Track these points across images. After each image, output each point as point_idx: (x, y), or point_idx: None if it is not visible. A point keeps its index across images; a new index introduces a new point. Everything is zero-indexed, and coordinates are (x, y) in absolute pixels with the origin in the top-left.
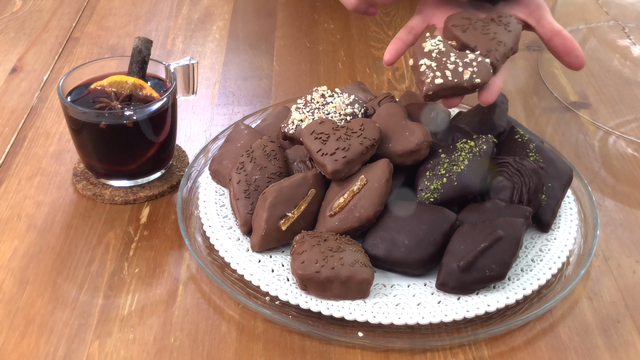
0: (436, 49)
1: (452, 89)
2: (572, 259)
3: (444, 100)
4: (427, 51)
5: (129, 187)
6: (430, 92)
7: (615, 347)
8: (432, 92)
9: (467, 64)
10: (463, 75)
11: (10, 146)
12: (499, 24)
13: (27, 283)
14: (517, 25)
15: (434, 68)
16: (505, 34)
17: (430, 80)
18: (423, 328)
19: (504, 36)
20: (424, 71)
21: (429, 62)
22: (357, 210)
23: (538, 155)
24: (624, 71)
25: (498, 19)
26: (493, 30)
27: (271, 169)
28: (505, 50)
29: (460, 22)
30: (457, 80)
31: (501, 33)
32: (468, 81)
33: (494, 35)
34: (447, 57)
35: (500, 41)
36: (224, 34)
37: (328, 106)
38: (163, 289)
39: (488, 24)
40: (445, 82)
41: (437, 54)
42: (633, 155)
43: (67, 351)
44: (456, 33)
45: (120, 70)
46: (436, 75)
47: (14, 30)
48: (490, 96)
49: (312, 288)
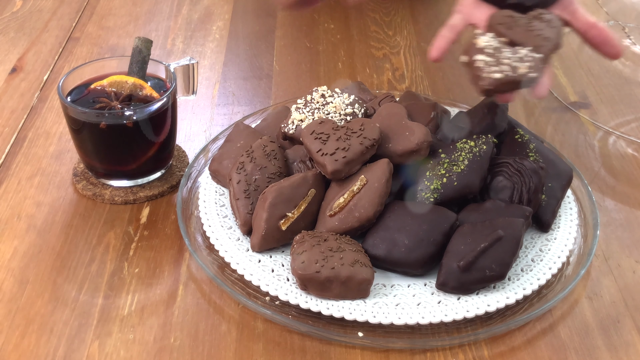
0: (489, 45)
1: (509, 84)
2: (572, 259)
3: (499, 95)
4: (481, 47)
5: (129, 187)
6: (489, 87)
7: (615, 347)
8: (490, 87)
9: (521, 59)
10: (519, 70)
11: (10, 146)
12: (542, 21)
13: (27, 283)
14: (559, 21)
15: (490, 63)
16: (549, 30)
17: (488, 75)
18: (423, 328)
19: (549, 32)
20: (481, 67)
21: (485, 58)
22: (357, 210)
23: (538, 155)
24: (624, 71)
25: (540, 15)
26: (537, 27)
27: (271, 169)
28: (551, 46)
29: (504, 20)
30: (514, 75)
31: (545, 30)
32: (524, 76)
33: (539, 32)
34: (501, 52)
35: (546, 37)
36: (224, 34)
37: (328, 106)
38: (163, 289)
39: (531, 21)
40: (503, 77)
41: (492, 50)
42: (633, 155)
43: (67, 351)
44: (502, 31)
45: (120, 70)
46: (493, 70)
47: (14, 30)
48: (542, 91)
49: (312, 288)
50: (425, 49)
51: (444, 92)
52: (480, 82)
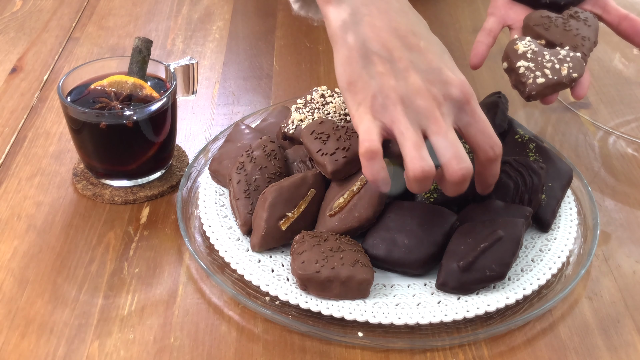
0: (529, 49)
1: (553, 86)
2: (572, 259)
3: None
4: (521, 53)
5: (129, 187)
6: (534, 92)
7: (615, 347)
8: (535, 92)
9: (562, 60)
10: (561, 71)
11: (10, 146)
12: (578, 19)
13: (27, 283)
14: (595, 19)
15: (532, 68)
16: (586, 29)
17: (532, 81)
18: (423, 328)
19: (586, 31)
20: (524, 72)
21: (526, 64)
22: (357, 210)
23: (538, 155)
24: (624, 71)
25: (576, 14)
26: (575, 27)
27: (271, 169)
28: (590, 45)
29: (541, 20)
30: (557, 77)
31: (583, 28)
32: (566, 77)
33: (577, 31)
34: (542, 56)
35: (584, 36)
36: (224, 34)
37: (328, 106)
38: (163, 289)
39: (568, 20)
40: (547, 81)
41: (532, 54)
42: (633, 155)
43: (67, 351)
44: (540, 32)
45: (120, 70)
46: (536, 75)
47: (14, 30)
48: (583, 91)
49: (312, 288)
50: None
51: None
52: (525, 88)
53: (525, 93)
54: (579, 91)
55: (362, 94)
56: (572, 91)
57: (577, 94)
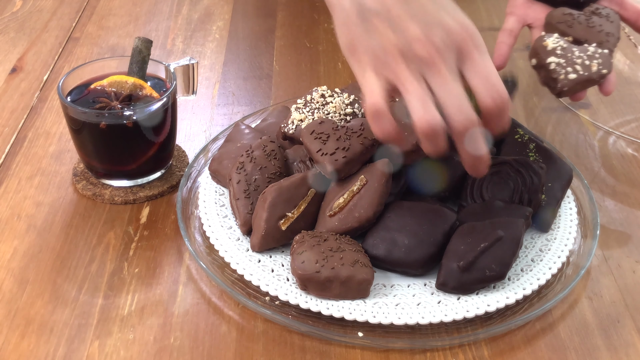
0: (558, 45)
1: (583, 82)
2: (572, 259)
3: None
4: (550, 49)
5: (129, 187)
6: (566, 88)
7: (615, 347)
8: (567, 88)
9: (591, 57)
10: (591, 67)
11: (10, 146)
12: (600, 16)
13: (27, 283)
14: (616, 15)
15: (563, 65)
16: (609, 25)
17: (564, 77)
18: (423, 328)
19: (609, 27)
20: (555, 69)
21: (557, 60)
22: (357, 210)
23: (538, 155)
24: (624, 71)
25: (597, 11)
26: (598, 23)
27: (271, 169)
28: (614, 41)
29: (564, 18)
30: (587, 74)
31: (606, 24)
32: (596, 73)
33: (600, 27)
34: (571, 52)
35: (608, 32)
36: (224, 34)
37: (328, 106)
38: (163, 289)
39: (590, 17)
40: (578, 77)
41: (561, 51)
42: (633, 155)
43: (67, 351)
44: (563, 29)
45: (120, 70)
46: (568, 71)
47: (14, 30)
48: (611, 87)
49: (312, 288)
50: None
51: None
52: (556, 84)
53: (557, 89)
54: (608, 87)
55: (364, 55)
56: (600, 88)
57: (606, 90)
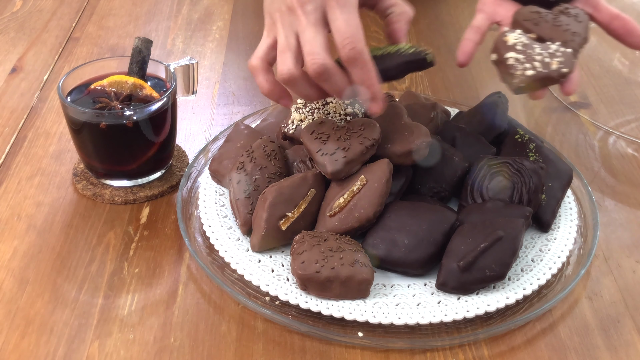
0: (519, 41)
1: (542, 80)
2: (572, 259)
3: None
4: (511, 44)
5: (129, 187)
6: (522, 85)
7: (615, 347)
8: (523, 85)
9: (552, 55)
10: (551, 65)
11: (10, 146)
12: (568, 15)
13: (27, 283)
14: (585, 15)
15: (522, 60)
16: (577, 24)
17: (521, 73)
18: (423, 328)
19: (576, 27)
20: (513, 64)
21: (516, 55)
22: (357, 210)
23: (538, 155)
24: (624, 71)
25: (566, 10)
26: (565, 22)
27: (271, 169)
28: (580, 41)
29: (531, 16)
30: (546, 71)
31: (573, 24)
32: (556, 71)
33: (567, 26)
34: (532, 49)
35: (574, 32)
36: (224, 34)
37: (328, 106)
38: (163, 289)
39: (558, 16)
40: (536, 74)
41: (522, 47)
42: (633, 155)
43: (67, 351)
44: (529, 27)
45: (120, 70)
46: (526, 67)
47: (14, 30)
48: (573, 87)
49: (312, 288)
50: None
51: (444, 92)
52: (513, 80)
53: (514, 85)
54: (569, 87)
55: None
56: (561, 87)
57: (567, 90)
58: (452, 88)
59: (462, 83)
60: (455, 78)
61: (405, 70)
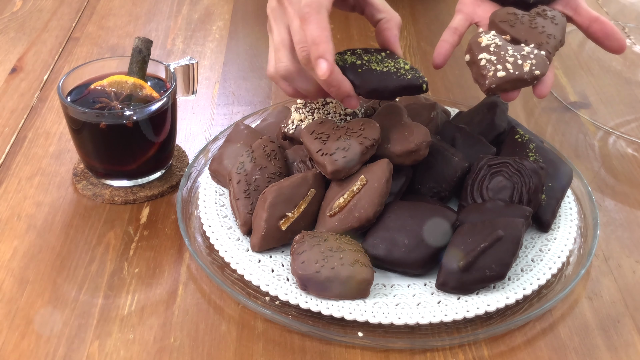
0: (493, 43)
1: (513, 81)
2: (572, 259)
3: (503, 94)
4: (484, 46)
5: (129, 187)
6: (493, 86)
7: (615, 347)
8: (494, 85)
9: (525, 57)
10: (523, 67)
11: (10, 146)
12: (545, 17)
13: (27, 283)
14: (562, 18)
15: (494, 62)
16: (553, 27)
17: (493, 74)
18: (423, 328)
19: (553, 29)
20: (485, 65)
21: (488, 56)
22: (357, 210)
23: (538, 155)
24: (624, 71)
25: (543, 12)
26: (541, 24)
27: (271, 169)
28: (555, 43)
29: (507, 17)
30: (518, 73)
31: (549, 26)
32: (528, 73)
33: (543, 29)
34: (505, 50)
35: (549, 34)
36: (224, 34)
37: (328, 106)
38: (163, 289)
39: (534, 18)
40: (508, 75)
41: (495, 48)
42: (633, 155)
43: (67, 351)
44: (505, 28)
45: (120, 70)
46: (497, 68)
47: (14, 30)
48: (545, 89)
49: (312, 288)
50: (425, 49)
51: (444, 92)
52: (484, 81)
53: (485, 86)
54: (541, 89)
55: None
56: (534, 89)
57: (539, 92)
58: (452, 88)
59: (462, 83)
60: (455, 78)
61: (398, 94)
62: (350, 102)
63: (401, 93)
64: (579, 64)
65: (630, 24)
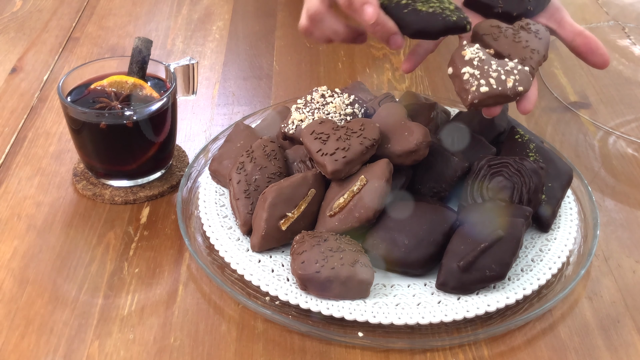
0: (477, 57)
1: (496, 97)
2: (572, 259)
3: (485, 109)
4: (467, 59)
5: (129, 187)
6: (476, 101)
7: (615, 347)
8: (477, 101)
9: (508, 72)
10: (507, 83)
11: (10, 146)
12: (529, 31)
13: (27, 283)
14: (546, 32)
15: (477, 76)
16: (537, 41)
17: (476, 89)
18: (423, 328)
19: (536, 44)
20: (468, 79)
21: (472, 70)
22: (357, 210)
23: (538, 155)
24: (624, 71)
25: (527, 26)
26: (525, 38)
27: (271, 169)
28: (538, 58)
29: (490, 30)
30: (501, 89)
31: (533, 41)
32: (511, 89)
33: (527, 43)
34: (489, 65)
35: (533, 49)
36: (224, 34)
37: (328, 106)
38: (163, 289)
39: (518, 31)
40: (491, 91)
41: (479, 62)
42: (633, 155)
43: (67, 351)
44: (488, 41)
45: (120, 70)
46: (480, 83)
47: (14, 30)
48: (529, 105)
49: (312, 288)
50: None
51: (444, 92)
52: (467, 95)
53: (467, 101)
54: (525, 105)
55: None
56: (517, 105)
57: (523, 108)
58: (452, 88)
59: None
60: None
61: (442, 34)
62: (396, 41)
63: (445, 33)
64: (579, 64)
65: (630, 24)
